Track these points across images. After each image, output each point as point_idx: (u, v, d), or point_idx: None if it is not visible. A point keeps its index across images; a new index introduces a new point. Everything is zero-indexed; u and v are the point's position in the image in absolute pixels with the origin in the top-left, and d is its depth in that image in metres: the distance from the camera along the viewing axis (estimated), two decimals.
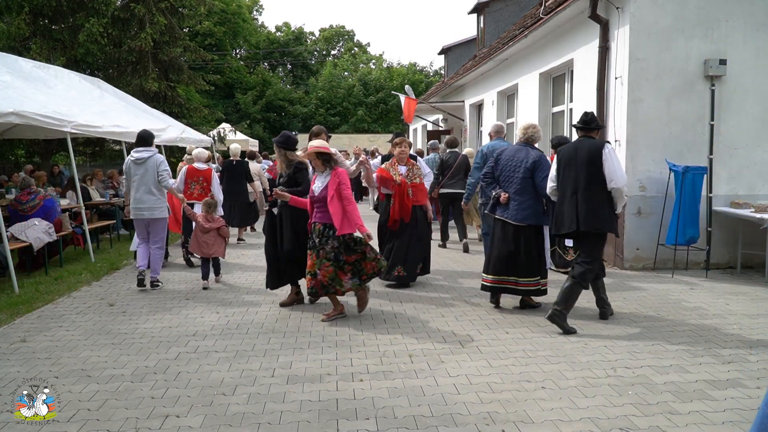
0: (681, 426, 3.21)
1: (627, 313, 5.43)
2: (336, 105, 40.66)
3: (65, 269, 7.90)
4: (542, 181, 5.27)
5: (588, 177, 4.89)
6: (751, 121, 7.41)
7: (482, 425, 3.25)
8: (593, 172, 4.88)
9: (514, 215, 5.33)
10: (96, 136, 9.77)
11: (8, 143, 15.30)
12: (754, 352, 4.36)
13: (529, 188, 5.34)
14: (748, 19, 7.28)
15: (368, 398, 3.61)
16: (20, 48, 15.13)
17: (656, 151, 7.33)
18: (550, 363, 4.17)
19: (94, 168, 15.57)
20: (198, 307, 5.87)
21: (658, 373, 3.97)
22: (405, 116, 14.64)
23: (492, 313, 5.49)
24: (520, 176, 5.34)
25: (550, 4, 9.19)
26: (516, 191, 5.34)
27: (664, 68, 7.26)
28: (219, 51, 37.07)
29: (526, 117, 10.86)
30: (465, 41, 20.45)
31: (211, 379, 3.94)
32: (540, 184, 5.29)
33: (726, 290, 6.34)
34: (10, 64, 9.14)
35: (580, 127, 5.17)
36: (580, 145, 5.06)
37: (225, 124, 21.02)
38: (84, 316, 5.59)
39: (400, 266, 6.42)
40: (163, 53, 16.91)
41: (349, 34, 50.72)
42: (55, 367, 4.22)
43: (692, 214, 6.87)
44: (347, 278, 5.21)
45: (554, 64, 9.59)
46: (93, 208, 10.65)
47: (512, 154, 5.51)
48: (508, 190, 5.40)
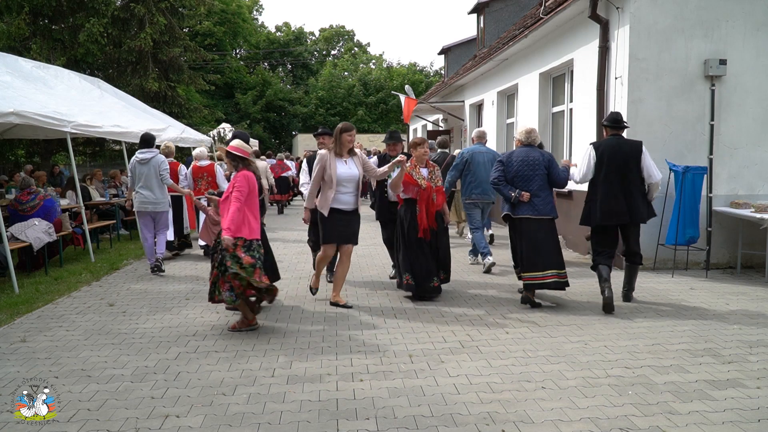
0: (681, 426, 3.21)
1: (627, 313, 5.43)
2: (336, 105, 40.65)
3: (65, 269, 7.90)
4: (559, 176, 5.75)
5: (631, 173, 5.60)
6: (751, 121, 7.41)
7: (482, 425, 3.25)
8: (635, 168, 5.60)
9: (543, 210, 5.65)
10: (96, 136, 9.78)
11: (8, 143, 15.31)
12: (754, 352, 4.36)
13: (546, 184, 5.73)
14: (748, 19, 7.28)
15: (368, 398, 3.61)
16: (20, 48, 15.14)
17: (656, 151, 7.30)
18: (550, 363, 4.17)
19: (94, 168, 15.57)
20: (198, 307, 5.87)
21: (658, 373, 3.97)
22: (404, 116, 14.65)
23: (492, 313, 5.50)
24: (540, 174, 5.69)
25: (550, 4, 9.19)
26: (539, 188, 5.67)
27: (664, 68, 7.26)
28: (219, 51, 37.07)
29: (526, 117, 10.86)
30: (465, 41, 20.44)
31: (211, 379, 3.94)
32: (559, 178, 5.74)
33: (726, 290, 6.33)
34: (10, 64, 9.14)
35: (611, 126, 5.79)
36: (619, 143, 5.71)
37: (225, 124, 21.00)
38: (84, 316, 5.59)
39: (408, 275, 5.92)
40: (163, 53, 16.93)
41: (349, 34, 50.71)
42: (55, 367, 4.22)
43: (692, 214, 6.87)
44: (225, 288, 4.82)
45: (554, 64, 9.59)
46: (93, 208, 10.65)
47: (524, 156, 5.78)
48: (529, 188, 5.66)
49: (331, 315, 5.52)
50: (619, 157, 5.61)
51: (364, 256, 8.71)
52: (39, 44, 15.48)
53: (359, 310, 5.69)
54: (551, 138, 10.26)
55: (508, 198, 5.74)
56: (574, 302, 5.86)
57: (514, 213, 5.71)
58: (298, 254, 8.87)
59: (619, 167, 5.60)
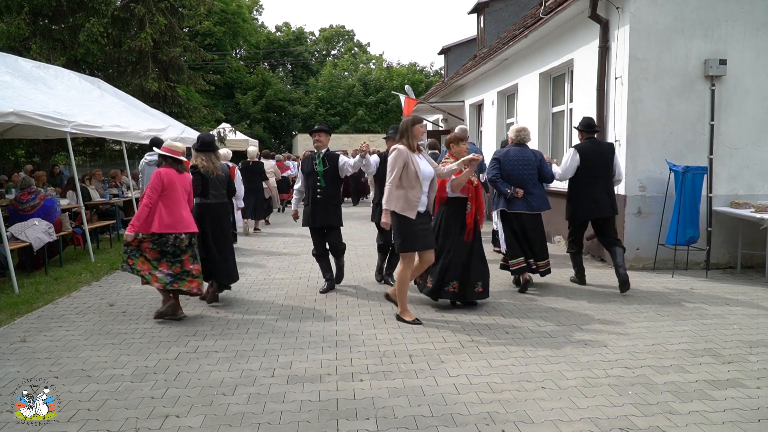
0: (681, 426, 3.21)
1: (627, 313, 5.43)
2: (336, 105, 40.61)
3: (65, 269, 7.90)
4: (549, 172, 6.31)
5: (608, 172, 6.27)
6: (751, 121, 7.42)
7: (482, 425, 3.25)
8: (609, 168, 6.28)
9: (537, 206, 6.18)
10: (96, 136, 9.78)
11: (8, 143, 15.29)
12: (754, 352, 4.36)
13: (538, 181, 6.24)
14: (748, 19, 7.28)
15: (368, 398, 3.61)
16: (20, 48, 15.11)
17: (656, 151, 7.33)
18: (550, 363, 4.17)
19: (94, 168, 15.56)
20: (198, 307, 5.87)
21: (658, 373, 3.97)
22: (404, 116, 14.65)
23: (492, 313, 5.50)
24: (534, 172, 6.21)
25: (550, 4, 9.19)
26: (533, 185, 6.17)
27: (664, 68, 7.26)
28: (219, 51, 37.05)
29: (526, 117, 10.86)
30: (465, 41, 20.42)
31: (211, 379, 3.94)
32: (548, 174, 6.29)
33: (726, 290, 6.34)
34: (10, 64, 9.14)
35: (586, 130, 6.39)
36: (597, 145, 6.38)
37: (225, 124, 21.02)
38: (84, 316, 5.59)
39: (455, 282, 5.49)
40: (163, 53, 16.90)
41: (349, 34, 50.67)
42: (55, 367, 4.22)
43: (692, 214, 6.87)
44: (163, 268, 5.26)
45: (554, 64, 9.59)
46: (93, 208, 10.65)
47: (519, 154, 6.24)
48: (524, 186, 6.15)
49: (331, 315, 5.52)
50: (598, 158, 6.25)
51: (364, 256, 8.72)
52: (39, 44, 15.46)
53: (359, 309, 5.69)
54: (551, 138, 10.26)
55: (505, 194, 6.16)
56: (574, 302, 5.86)
57: (509, 208, 6.22)
58: (299, 254, 8.87)
59: (598, 167, 6.24)
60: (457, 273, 5.46)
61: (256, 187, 11.44)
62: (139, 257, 5.20)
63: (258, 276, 7.34)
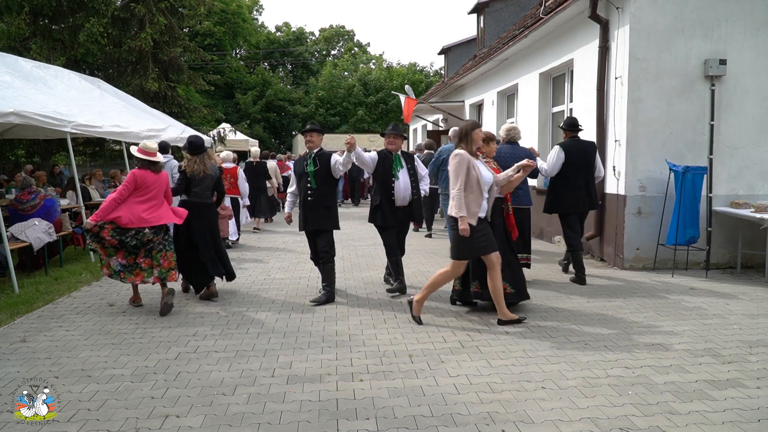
0: (681, 426, 3.21)
1: (627, 313, 5.43)
2: (336, 105, 40.61)
3: (65, 269, 7.90)
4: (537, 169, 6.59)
5: (589, 169, 6.70)
6: (751, 121, 7.42)
7: (482, 425, 3.25)
8: (591, 165, 6.71)
9: (524, 201, 6.43)
10: (96, 136, 9.77)
11: (8, 143, 15.30)
12: (754, 352, 4.36)
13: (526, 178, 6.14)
14: (748, 19, 7.28)
15: (368, 398, 3.61)
16: (20, 48, 15.12)
17: (656, 151, 7.33)
18: (550, 363, 4.17)
19: (94, 168, 15.57)
20: (198, 307, 5.87)
21: (658, 373, 3.97)
22: (404, 116, 14.65)
23: (492, 313, 5.49)
24: None
25: (550, 4, 9.19)
26: (523, 182, 6.16)
27: (664, 68, 7.26)
28: (219, 51, 37.04)
29: (526, 117, 10.87)
30: (465, 41, 20.43)
31: (211, 379, 3.94)
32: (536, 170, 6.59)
33: (726, 290, 6.34)
34: (10, 64, 9.13)
35: (570, 129, 6.81)
36: (581, 144, 6.75)
37: (225, 124, 21.01)
38: (84, 316, 5.59)
39: (506, 284, 5.36)
40: (163, 53, 16.90)
41: (349, 34, 50.67)
42: (55, 367, 4.22)
43: (692, 214, 6.87)
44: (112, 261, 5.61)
45: (554, 64, 9.59)
46: (93, 208, 10.65)
47: (510, 152, 6.43)
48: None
49: (331, 315, 5.52)
50: (581, 156, 6.66)
51: (364, 256, 8.71)
52: (39, 44, 15.46)
53: (359, 309, 5.69)
54: (551, 138, 10.26)
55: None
56: (574, 302, 5.86)
57: None
58: (299, 254, 8.87)
59: (581, 165, 6.65)
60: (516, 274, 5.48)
61: (259, 186, 11.94)
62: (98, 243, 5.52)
63: (258, 276, 7.34)
